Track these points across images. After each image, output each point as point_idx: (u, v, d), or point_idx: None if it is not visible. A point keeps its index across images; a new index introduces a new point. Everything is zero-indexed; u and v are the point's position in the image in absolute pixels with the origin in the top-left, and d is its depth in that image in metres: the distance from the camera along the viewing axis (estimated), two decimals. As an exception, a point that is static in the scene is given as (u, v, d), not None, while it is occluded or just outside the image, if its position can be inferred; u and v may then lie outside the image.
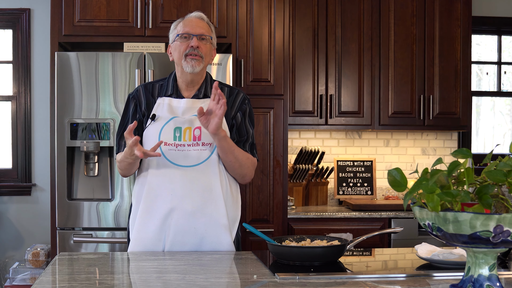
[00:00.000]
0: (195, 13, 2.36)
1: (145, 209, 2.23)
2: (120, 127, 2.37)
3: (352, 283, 1.68)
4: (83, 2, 3.47)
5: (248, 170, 2.31)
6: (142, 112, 2.32)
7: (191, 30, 2.28)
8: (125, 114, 2.37)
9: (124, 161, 2.23)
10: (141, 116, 2.31)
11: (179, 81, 2.33)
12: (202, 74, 2.33)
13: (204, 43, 2.29)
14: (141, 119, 2.31)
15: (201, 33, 2.29)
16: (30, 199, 4.22)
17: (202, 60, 2.27)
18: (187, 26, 2.29)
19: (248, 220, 3.59)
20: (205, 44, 2.29)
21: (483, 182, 1.37)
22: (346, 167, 4.28)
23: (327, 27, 4.01)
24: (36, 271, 3.82)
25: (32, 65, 4.22)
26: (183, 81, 2.32)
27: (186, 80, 2.31)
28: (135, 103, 2.34)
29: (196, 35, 2.27)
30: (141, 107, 2.32)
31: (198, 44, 2.26)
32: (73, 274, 1.81)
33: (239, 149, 2.26)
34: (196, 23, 2.30)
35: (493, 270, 1.40)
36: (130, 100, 2.35)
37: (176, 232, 2.20)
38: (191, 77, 2.29)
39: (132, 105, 2.34)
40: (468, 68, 4.13)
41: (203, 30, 2.30)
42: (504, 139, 4.80)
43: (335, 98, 4.01)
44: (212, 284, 1.67)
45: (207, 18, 2.37)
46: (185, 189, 2.20)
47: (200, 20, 2.33)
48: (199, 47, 2.26)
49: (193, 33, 2.27)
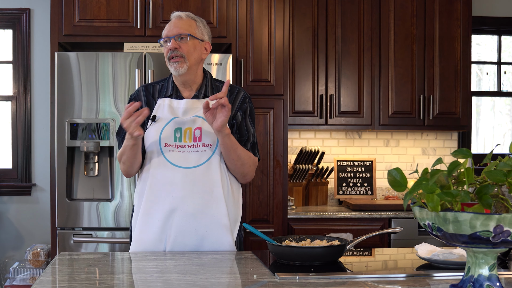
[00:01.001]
0: (175, 13, 2.33)
1: (146, 210, 2.22)
2: (118, 132, 2.36)
3: (352, 283, 1.68)
4: (83, 2, 3.47)
5: (249, 169, 2.31)
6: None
7: (169, 32, 2.27)
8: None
9: (126, 150, 2.20)
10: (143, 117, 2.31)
11: (175, 82, 2.33)
12: (195, 73, 2.30)
13: (183, 42, 2.25)
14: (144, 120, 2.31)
15: (178, 33, 2.25)
16: (30, 199, 4.22)
17: (184, 60, 2.24)
18: (166, 29, 2.29)
19: (248, 220, 3.59)
20: (185, 43, 2.25)
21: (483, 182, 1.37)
22: (346, 167, 4.28)
23: (327, 27, 4.01)
24: (36, 271, 3.82)
25: (32, 65, 4.22)
26: (178, 83, 2.32)
27: (178, 82, 2.31)
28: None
29: (173, 36, 2.25)
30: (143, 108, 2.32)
31: (175, 45, 2.23)
32: (73, 274, 1.81)
33: (241, 148, 2.26)
34: (174, 24, 2.28)
35: (493, 270, 1.40)
36: (132, 101, 2.34)
37: (177, 233, 2.19)
38: (181, 79, 2.29)
39: None
40: (468, 68, 4.13)
41: (181, 29, 2.26)
42: (504, 139, 4.80)
43: (335, 98, 4.01)
44: (212, 284, 1.67)
45: (188, 14, 2.32)
46: (186, 190, 2.20)
47: (178, 20, 2.29)
48: (177, 48, 2.23)
49: (170, 35, 2.26)
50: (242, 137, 2.32)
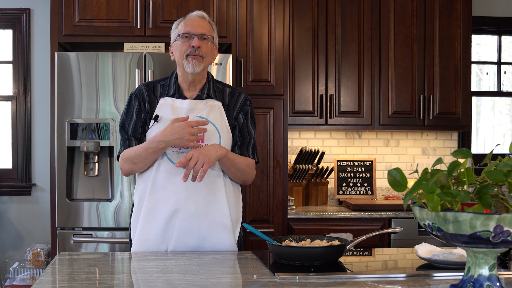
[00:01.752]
0: (197, 12, 2.34)
1: (148, 210, 2.22)
2: (123, 125, 2.30)
3: (352, 283, 1.68)
4: (83, 2, 3.47)
5: (249, 176, 2.33)
6: (145, 110, 2.29)
7: (192, 29, 2.26)
8: (128, 112, 2.31)
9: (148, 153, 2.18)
10: (146, 115, 2.29)
11: (180, 80, 2.32)
12: (204, 74, 2.32)
13: (205, 42, 2.27)
14: (146, 118, 2.30)
15: (202, 32, 2.27)
16: (30, 199, 4.22)
17: (202, 60, 2.25)
18: (188, 25, 2.27)
19: (248, 220, 3.59)
20: (206, 44, 2.27)
21: (483, 182, 1.37)
22: (346, 167, 4.28)
23: (327, 27, 4.01)
24: (36, 271, 3.82)
25: (32, 65, 4.22)
26: (184, 81, 2.31)
27: (187, 80, 2.30)
28: (138, 101, 2.30)
29: (197, 34, 2.26)
30: (145, 106, 2.29)
31: (199, 44, 2.24)
32: (73, 274, 1.81)
33: (240, 159, 2.27)
34: (197, 22, 2.28)
35: (493, 270, 1.40)
36: (133, 99, 2.32)
37: (179, 234, 2.19)
38: (192, 77, 2.28)
39: (136, 104, 2.30)
40: (468, 68, 4.13)
41: (205, 29, 2.28)
42: (504, 139, 4.80)
43: (335, 98, 4.01)
44: (212, 284, 1.67)
45: (209, 17, 2.35)
46: (189, 190, 2.20)
47: (202, 20, 2.31)
48: (200, 47, 2.24)
49: (194, 33, 2.26)
50: (243, 139, 2.33)
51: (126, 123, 2.30)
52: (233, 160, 2.23)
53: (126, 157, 2.26)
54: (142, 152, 2.20)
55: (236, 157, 2.26)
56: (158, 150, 2.18)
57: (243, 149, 2.32)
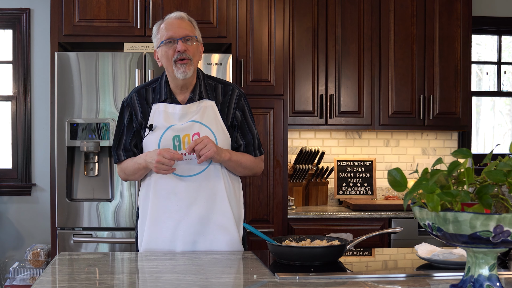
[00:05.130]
0: (175, 13, 2.27)
1: (152, 221, 2.22)
2: (116, 137, 2.33)
3: (352, 283, 1.68)
4: (83, 2, 3.47)
5: (257, 169, 2.36)
6: (138, 121, 2.28)
7: (174, 33, 2.20)
8: (120, 122, 2.33)
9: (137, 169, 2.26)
10: (138, 125, 2.28)
11: (172, 85, 2.27)
12: (194, 76, 2.27)
13: (190, 43, 2.22)
14: (138, 128, 2.29)
15: (185, 34, 2.21)
16: (30, 199, 4.22)
17: (191, 63, 2.20)
18: (169, 30, 2.21)
19: (248, 220, 3.59)
20: (191, 45, 2.22)
21: (483, 182, 1.37)
22: (346, 167, 4.28)
23: (327, 27, 4.01)
24: (36, 271, 3.82)
25: (32, 65, 4.22)
26: (176, 86, 2.26)
27: (178, 85, 2.25)
28: (129, 111, 2.30)
29: (181, 38, 2.19)
30: (137, 116, 2.28)
31: (184, 48, 2.19)
32: (73, 274, 1.81)
33: (245, 158, 2.27)
34: (178, 24, 2.22)
35: (493, 270, 1.40)
36: (125, 108, 2.31)
37: (185, 242, 2.20)
38: (183, 82, 2.24)
39: (127, 113, 2.30)
40: (468, 68, 4.13)
41: (187, 30, 2.22)
42: (504, 139, 4.80)
43: (335, 98, 4.01)
44: (212, 284, 1.67)
45: (187, 16, 2.28)
46: (191, 198, 2.20)
47: (181, 20, 2.24)
48: (186, 50, 2.19)
49: (177, 37, 2.20)
50: (244, 136, 2.32)
51: (116, 140, 2.33)
52: (238, 161, 2.25)
53: (121, 168, 2.35)
54: (132, 166, 2.27)
55: (241, 156, 2.26)
56: (143, 168, 2.23)
57: (250, 151, 2.32)
